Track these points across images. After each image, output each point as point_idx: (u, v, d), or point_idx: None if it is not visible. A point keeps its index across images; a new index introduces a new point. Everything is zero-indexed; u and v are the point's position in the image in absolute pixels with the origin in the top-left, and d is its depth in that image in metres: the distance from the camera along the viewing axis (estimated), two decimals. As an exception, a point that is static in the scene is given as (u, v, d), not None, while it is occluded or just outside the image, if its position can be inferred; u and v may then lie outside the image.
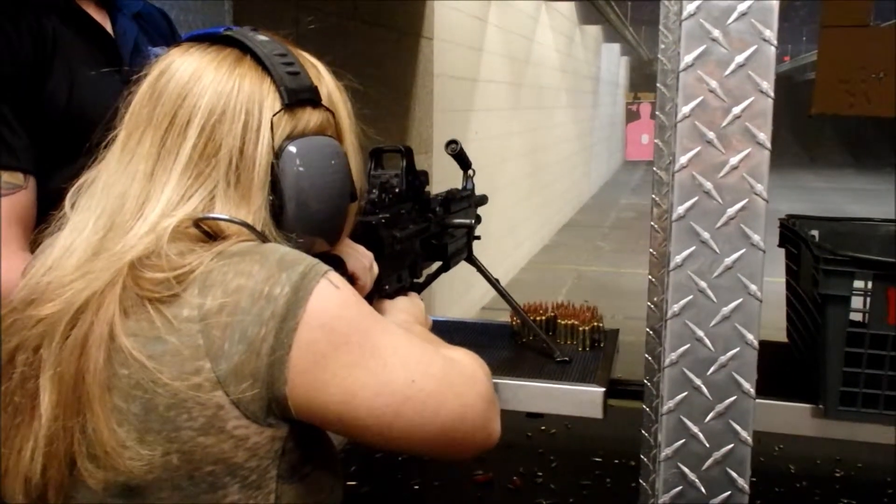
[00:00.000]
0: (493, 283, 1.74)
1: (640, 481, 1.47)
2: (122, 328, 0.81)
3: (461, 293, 5.12)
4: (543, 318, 1.86)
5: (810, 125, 20.85)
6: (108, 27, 1.39)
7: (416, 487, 3.29)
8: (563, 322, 1.84)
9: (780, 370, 1.71)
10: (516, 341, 1.85)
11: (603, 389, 1.56)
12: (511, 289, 1.80)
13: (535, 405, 1.59)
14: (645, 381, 1.44)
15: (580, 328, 1.81)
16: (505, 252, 6.92)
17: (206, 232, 0.87)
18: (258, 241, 0.86)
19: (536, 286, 6.92)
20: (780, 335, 1.95)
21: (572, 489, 3.25)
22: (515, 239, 7.51)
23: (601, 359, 1.73)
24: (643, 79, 20.52)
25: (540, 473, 3.38)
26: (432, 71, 4.54)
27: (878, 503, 3.13)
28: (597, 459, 3.50)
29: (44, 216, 1.21)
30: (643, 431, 1.47)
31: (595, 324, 1.82)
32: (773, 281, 2.05)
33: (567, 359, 1.69)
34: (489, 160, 6.19)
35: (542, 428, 3.80)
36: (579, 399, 1.57)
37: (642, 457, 1.47)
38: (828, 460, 3.45)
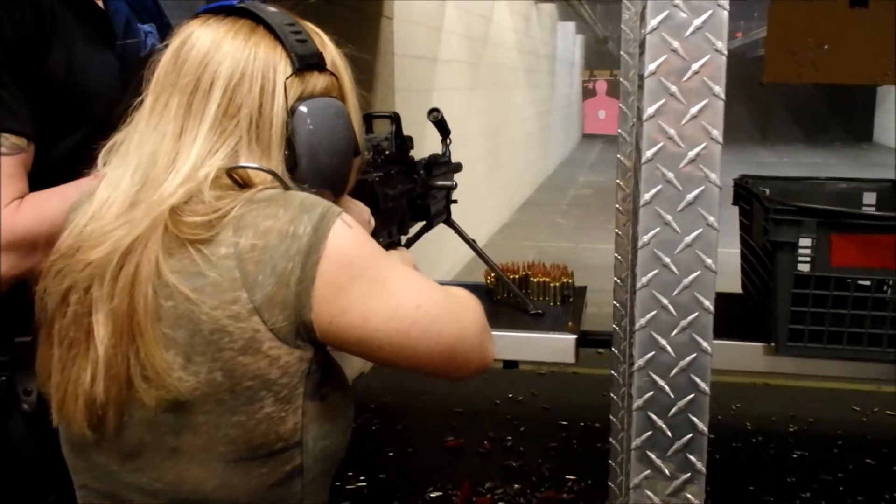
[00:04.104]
0: (470, 243, 1.86)
1: (611, 439, 1.62)
2: (166, 266, 0.91)
3: (433, 262, 5.19)
4: (516, 276, 1.97)
5: (763, 102, 21.23)
6: (101, 5, 1.47)
7: (391, 454, 3.36)
8: (534, 279, 1.95)
9: (734, 316, 1.85)
10: (492, 298, 1.96)
11: (575, 337, 1.69)
12: (473, 266, 1.91)
13: (512, 353, 1.71)
14: (613, 350, 1.58)
15: (551, 284, 1.93)
16: (465, 230, 6.96)
17: (236, 181, 0.97)
18: (281, 188, 0.97)
19: (498, 261, 6.99)
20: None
21: (540, 451, 3.33)
22: (475, 217, 7.57)
23: (571, 311, 1.85)
24: (598, 56, 20.64)
25: (509, 437, 3.45)
26: (393, 51, 4.56)
27: (828, 454, 3.30)
28: (563, 423, 3.61)
29: (42, 187, 1.26)
30: (612, 395, 1.61)
31: (565, 280, 1.94)
32: (725, 251, 2.20)
33: (540, 311, 1.82)
34: (450, 139, 6.22)
35: (510, 395, 3.90)
36: (553, 346, 1.70)
37: (612, 417, 1.61)
38: (782, 417, 3.61)
